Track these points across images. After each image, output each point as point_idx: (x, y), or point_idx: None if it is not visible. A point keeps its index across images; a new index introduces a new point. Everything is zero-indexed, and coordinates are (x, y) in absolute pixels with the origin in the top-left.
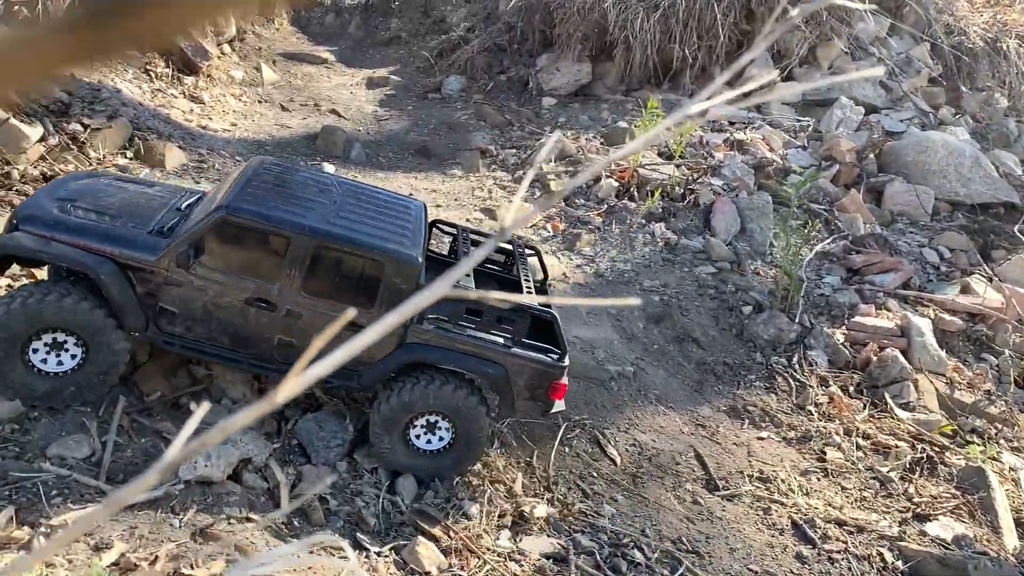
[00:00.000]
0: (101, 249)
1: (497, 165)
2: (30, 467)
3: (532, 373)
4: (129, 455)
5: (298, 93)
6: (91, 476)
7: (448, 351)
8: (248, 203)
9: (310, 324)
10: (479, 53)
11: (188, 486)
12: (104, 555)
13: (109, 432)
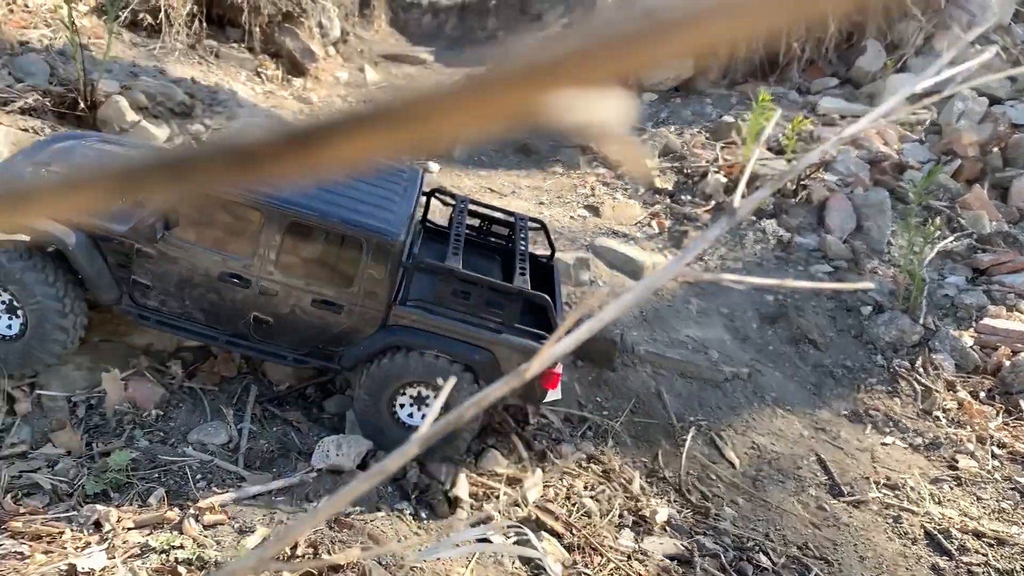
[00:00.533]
0: (70, 219)
1: (599, 162)
2: (175, 452)
3: (522, 359)
4: (263, 443)
5: None
6: (230, 461)
7: (432, 335)
8: None
9: (285, 302)
10: None
11: (320, 475)
12: (248, 538)
13: (244, 420)
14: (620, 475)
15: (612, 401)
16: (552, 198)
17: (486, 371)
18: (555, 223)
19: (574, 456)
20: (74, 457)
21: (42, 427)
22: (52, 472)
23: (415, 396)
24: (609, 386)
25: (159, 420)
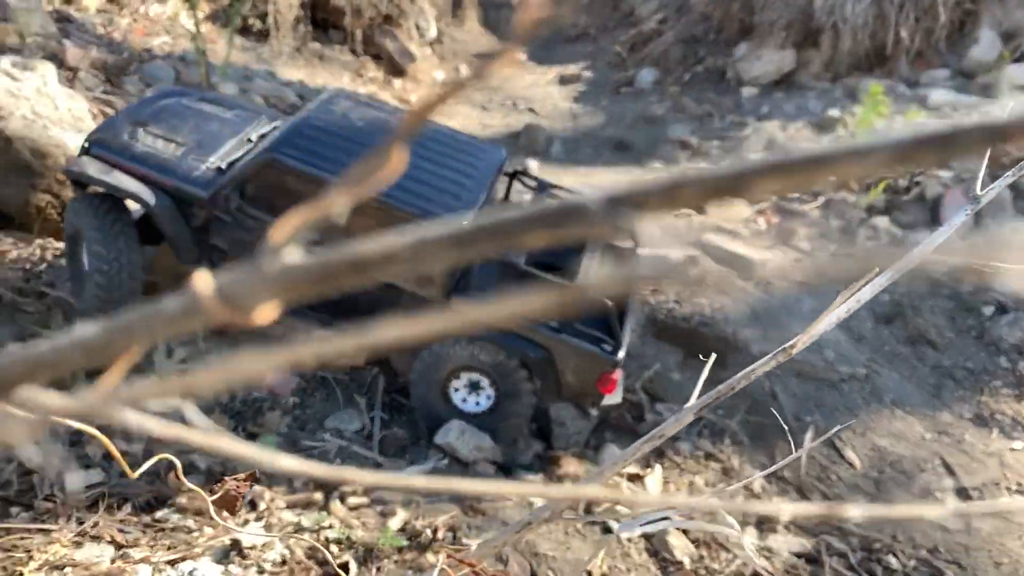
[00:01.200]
0: (160, 180)
1: (700, 157)
2: (314, 437)
3: (579, 362)
4: (394, 430)
5: (495, 93)
6: (366, 448)
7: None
8: (295, 148)
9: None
10: (673, 45)
11: (450, 463)
12: (391, 520)
13: (375, 409)
14: (740, 473)
15: (727, 400)
16: None
17: (540, 369)
18: (658, 220)
19: (691, 453)
20: None
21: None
22: (205, 454)
23: (469, 382)
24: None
25: (295, 407)
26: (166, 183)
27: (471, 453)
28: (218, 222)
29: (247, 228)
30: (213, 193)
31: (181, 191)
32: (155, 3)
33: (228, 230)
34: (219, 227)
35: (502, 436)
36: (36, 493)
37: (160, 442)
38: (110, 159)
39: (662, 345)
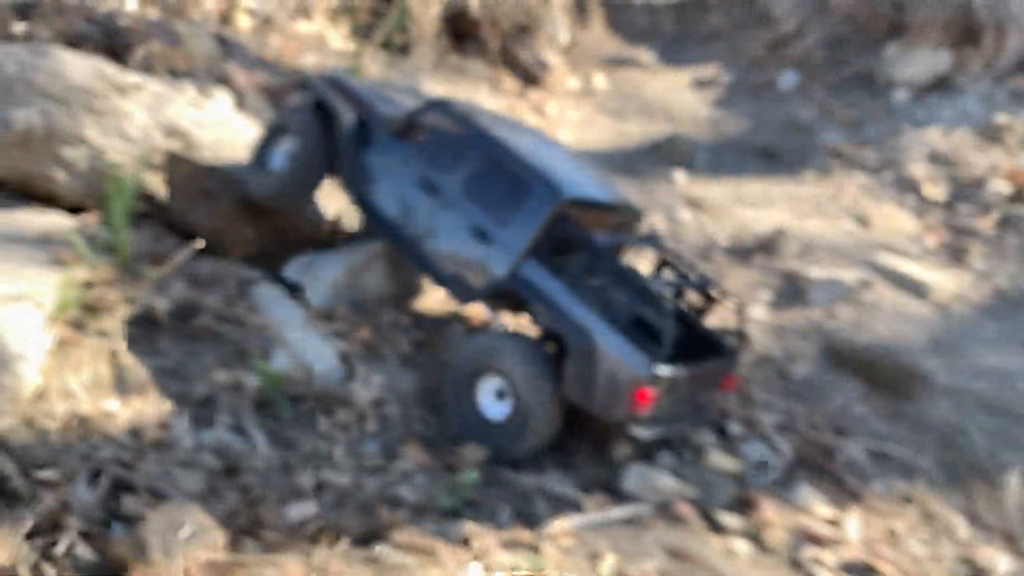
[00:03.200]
0: (360, 100)
1: (855, 167)
2: (516, 475)
3: (612, 365)
4: (600, 472)
5: (630, 99)
6: (569, 487)
7: (545, 295)
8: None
9: (452, 219)
10: (816, 46)
11: (652, 507)
12: (601, 564)
13: (582, 455)
14: (941, 518)
15: (915, 435)
16: (811, 209)
17: (579, 355)
18: (822, 237)
19: (887, 495)
20: (425, 470)
21: (386, 441)
22: (411, 485)
23: (496, 390)
24: (908, 418)
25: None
26: (363, 110)
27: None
28: (375, 145)
29: (399, 154)
30: (390, 123)
31: (372, 114)
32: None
33: (381, 152)
34: (375, 149)
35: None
36: (261, 523)
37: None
38: (338, 86)
39: (842, 375)
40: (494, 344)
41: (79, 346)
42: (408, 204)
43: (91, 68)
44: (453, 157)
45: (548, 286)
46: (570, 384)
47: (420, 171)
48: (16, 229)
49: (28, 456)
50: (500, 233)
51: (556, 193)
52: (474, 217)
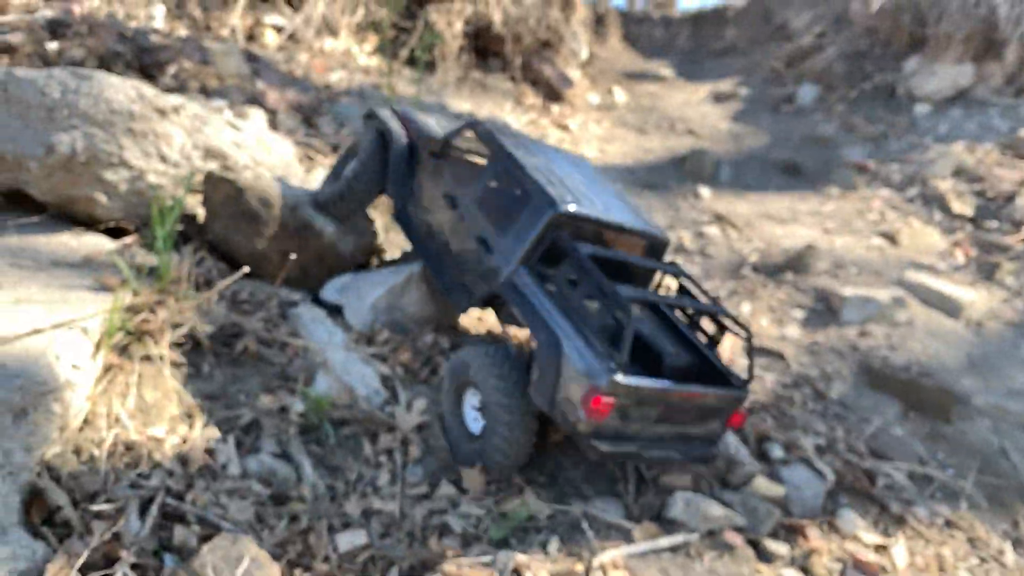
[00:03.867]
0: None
1: (879, 182)
2: (563, 502)
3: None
4: (647, 500)
5: (649, 113)
6: (617, 516)
7: (527, 302)
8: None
9: (465, 230)
10: (836, 59)
11: (700, 536)
12: None
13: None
14: (987, 544)
15: (954, 457)
16: (838, 225)
17: (547, 357)
18: (851, 254)
19: (931, 520)
20: (474, 499)
21: (430, 467)
22: (457, 514)
23: (476, 403)
24: (947, 440)
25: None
26: (414, 134)
27: (697, 524)
28: (420, 166)
29: (432, 174)
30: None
31: (419, 136)
32: (329, 38)
33: (424, 173)
34: (420, 170)
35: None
36: (312, 553)
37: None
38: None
39: (879, 396)
40: (470, 357)
41: (125, 371)
42: (434, 218)
43: (132, 91)
44: (473, 173)
45: (531, 293)
46: (535, 390)
47: (446, 187)
48: (60, 253)
49: (78, 486)
50: (500, 243)
51: (551, 206)
52: (481, 228)
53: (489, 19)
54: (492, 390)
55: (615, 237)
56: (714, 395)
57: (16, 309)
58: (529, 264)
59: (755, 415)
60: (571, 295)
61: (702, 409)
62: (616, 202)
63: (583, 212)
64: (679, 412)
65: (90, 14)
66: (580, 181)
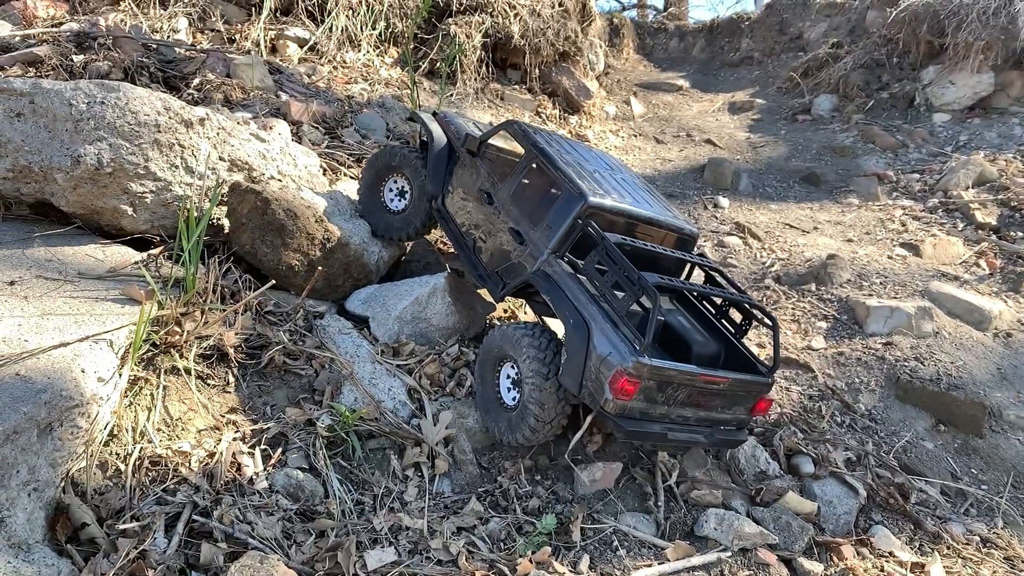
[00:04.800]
0: (451, 133)
1: (900, 192)
2: (597, 520)
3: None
4: (677, 516)
5: (666, 124)
6: (648, 533)
7: (555, 286)
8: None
9: (500, 222)
10: (853, 69)
11: (734, 554)
12: None
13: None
14: None
15: (988, 473)
16: (859, 234)
17: (574, 340)
18: (874, 264)
19: (966, 537)
20: (500, 516)
21: (457, 480)
22: (485, 530)
23: (515, 378)
24: (981, 455)
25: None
26: (452, 136)
27: (731, 541)
28: (458, 164)
29: (469, 171)
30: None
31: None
32: (350, 50)
33: (461, 170)
34: (458, 169)
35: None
36: (342, 572)
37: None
38: (439, 119)
39: (908, 409)
40: (513, 332)
41: (151, 384)
42: (470, 213)
43: (158, 102)
44: (508, 169)
45: (562, 281)
46: (565, 372)
47: (482, 183)
48: (86, 264)
49: (104, 502)
50: (532, 234)
51: (582, 197)
52: (515, 221)
53: (508, 31)
54: (530, 367)
55: (645, 230)
56: (739, 380)
57: (42, 322)
58: (560, 254)
59: (783, 428)
60: (600, 282)
61: (728, 394)
62: (646, 196)
63: (612, 204)
64: (705, 396)
65: (115, 27)
66: (611, 176)
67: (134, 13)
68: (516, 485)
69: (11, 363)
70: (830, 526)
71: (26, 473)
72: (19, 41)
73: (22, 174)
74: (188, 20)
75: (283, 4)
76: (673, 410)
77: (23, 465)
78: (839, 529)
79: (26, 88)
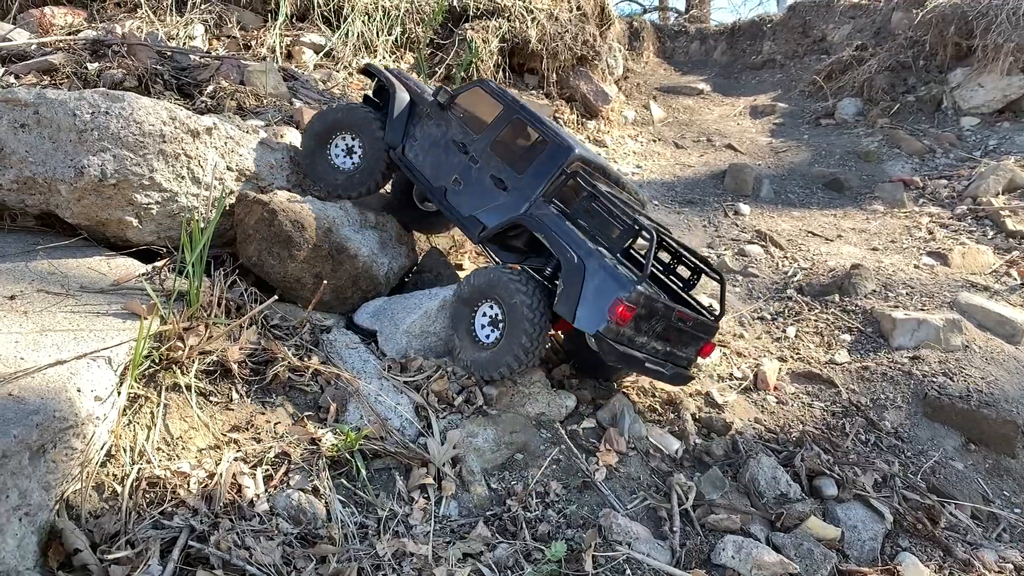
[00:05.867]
0: (408, 85)
1: (926, 199)
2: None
3: (601, 281)
4: (693, 542)
5: (687, 128)
6: (663, 561)
7: (549, 227)
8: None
9: (478, 171)
10: (878, 72)
11: None
12: None
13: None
14: None
15: (1022, 495)
16: (885, 243)
17: (570, 273)
18: (900, 274)
19: (999, 565)
20: (508, 542)
21: (466, 503)
22: (493, 557)
23: (493, 317)
24: (1013, 476)
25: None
26: (413, 90)
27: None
28: (425, 116)
29: (438, 123)
30: (435, 94)
31: (416, 94)
32: (366, 56)
33: (426, 122)
34: (424, 120)
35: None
36: None
37: None
38: (393, 73)
39: (936, 427)
40: (495, 275)
41: (151, 402)
42: (441, 162)
43: (163, 112)
44: (484, 122)
45: (553, 222)
46: (560, 302)
47: (454, 134)
48: (89, 278)
49: (98, 526)
50: (518, 181)
51: (568, 149)
52: (497, 170)
53: (525, 36)
54: (518, 304)
55: (608, 185)
56: (699, 321)
57: (41, 338)
58: (547, 199)
59: (805, 448)
60: (591, 224)
61: (689, 333)
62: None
63: (591, 157)
64: (673, 332)
65: (130, 34)
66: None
67: (151, 20)
68: (525, 510)
69: (4, 383)
70: (854, 553)
71: (16, 498)
72: (35, 49)
73: (26, 185)
74: (204, 27)
75: (299, 10)
76: (649, 342)
77: (13, 490)
78: (864, 556)
79: (31, 98)
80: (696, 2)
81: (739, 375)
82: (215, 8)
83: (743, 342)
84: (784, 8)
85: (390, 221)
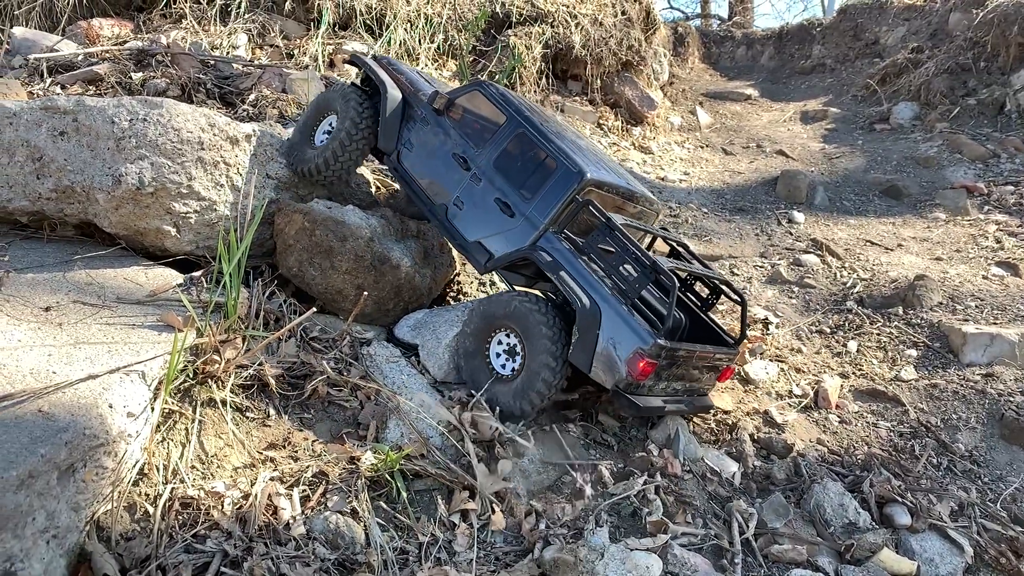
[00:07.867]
0: (404, 86)
1: (992, 206)
2: None
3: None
4: (756, 573)
5: (735, 134)
6: None
7: (559, 263)
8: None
9: (481, 192)
10: (935, 75)
11: None
12: None
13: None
14: None
15: None
16: (949, 252)
17: (585, 321)
18: (967, 285)
19: None
20: None
21: (513, 527)
22: None
23: (509, 347)
24: None
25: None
26: (407, 88)
27: None
28: (419, 121)
29: (435, 130)
30: (431, 97)
31: (411, 92)
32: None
33: (421, 128)
34: (419, 125)
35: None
36: None
37: None
38: (384, 65)
39: (1015, 451)
40: (521, 305)
41: (185, 419)
42: (440, 175)
43: (202, 119)
44: (487, 135)
45: (564, 258)
46: (575, 351)
47: (454, 146)
48: (126, 288)
49: (128, 549)
50: (525, 207)
51: (580, 175)
52: (501, 191)
53: (569, 42)
54: (540, 337)
55: (623, 204)
56: (724, 354)
57: (74, 351)
58: (558, 230)
59: (873, 472)
60: (606, 263)
61: (710, 366)
62: (613, 166)
63: (608, 180)
64: (693, 369)
65: (174, 44)
66: (584, 146)
67: (195, 30)
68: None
69: (34, 398)
70: None
71: (43, 520)
72: (81, 60)
73: (65, 194)
74: (248, 36)
75: (342, 19)
76: (669, 384)
77: (40, 511)
78: None
79: (70, 106)
80: (739, 9)
81: (799, 392)
82: (258, 17)
83: (801, 357)
84: (834, 11)
85: (430, 229)
